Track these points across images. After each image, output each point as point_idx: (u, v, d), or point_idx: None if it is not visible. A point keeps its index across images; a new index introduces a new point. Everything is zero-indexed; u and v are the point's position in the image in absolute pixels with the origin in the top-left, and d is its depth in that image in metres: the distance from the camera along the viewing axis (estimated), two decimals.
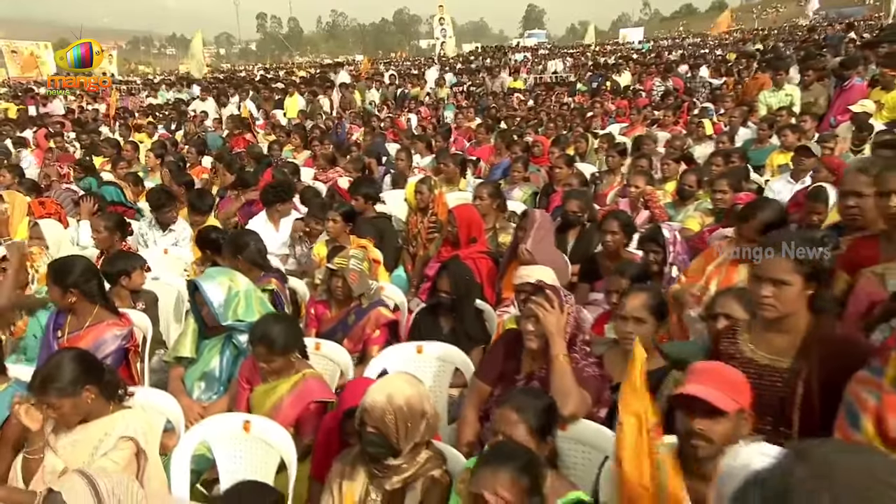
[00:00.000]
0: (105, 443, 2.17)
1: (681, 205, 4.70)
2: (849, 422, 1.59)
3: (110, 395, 2.27)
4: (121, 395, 2.31)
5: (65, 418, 2.11)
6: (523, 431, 1.75)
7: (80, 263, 3.01)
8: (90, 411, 2.16)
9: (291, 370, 2.56)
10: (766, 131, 6.92)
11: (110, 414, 2.24)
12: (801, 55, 11.63)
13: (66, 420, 2.12)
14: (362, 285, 3.14)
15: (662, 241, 3.39)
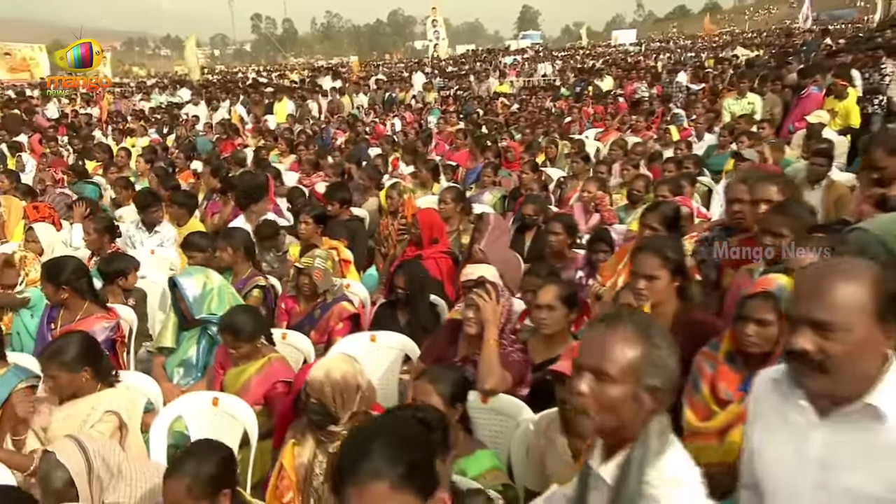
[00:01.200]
0: (92, 416, 2.52)
1: (631, 208, 5.08)
2: (692, 386, 1.97)
3: (102, 377, 2.63)
4: (111, 379, 2.68)
5: (58, 389, 2.47)
6: (437, 399, 2.11)
7: (72, 263, 3.37)
8: (81, 388, 2.52)
9: (258, 355, 2.93)
10: (726, 138, 7.32)
11: (97, 392, 2.60)
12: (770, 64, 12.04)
13: (58, 390, 2.47)
14: (326, 282, 3.51)
15: (610, 241, 3.77)
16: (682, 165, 6.06)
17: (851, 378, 1.26)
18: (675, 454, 1.34)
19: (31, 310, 3.60)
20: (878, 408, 1.26)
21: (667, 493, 1.27)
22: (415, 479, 1.12)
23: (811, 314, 1.26)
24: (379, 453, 1.12)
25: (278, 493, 2.05)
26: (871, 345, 1.25)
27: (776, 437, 1.41)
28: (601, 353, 1.35)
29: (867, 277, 1.26)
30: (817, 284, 1.28)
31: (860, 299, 1.24)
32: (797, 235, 2.28)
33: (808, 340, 1.25)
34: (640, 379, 1.33)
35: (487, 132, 9.85)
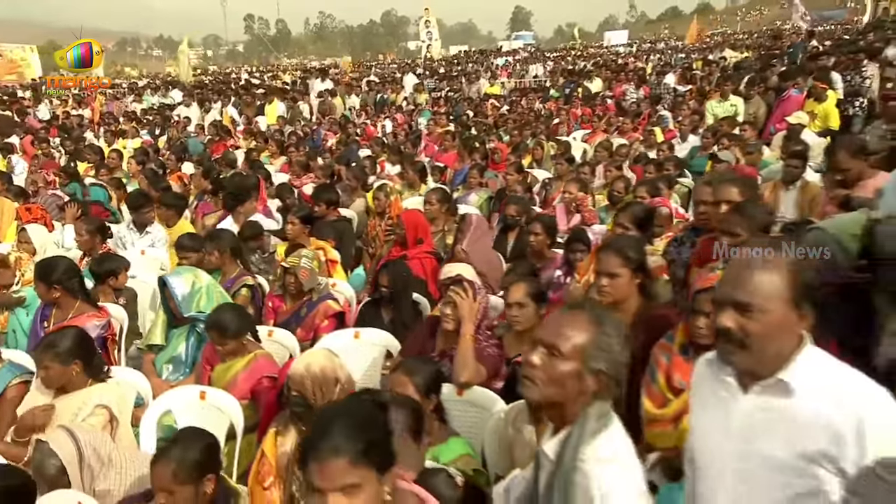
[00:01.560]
0: (83, 410, 2.63)
1: (612, 209, 5.21)
2: (650, 376, 2.10)
3: (92, 373, 2.74)
4: (101, 375, 2.78)
5: (48, 379, 2.58)
6: (411, 389, 2.23)
7: (63, 263, 3.48)
8: (71, 381, 2.62)
9: (244, 351, 3.04)
10: (709, 139, 7.47)
11: (88, 387, 2.71)
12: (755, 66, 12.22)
13: (49, 381, 2.58)
14: (311, 280, 3.62)
15: (587, 241, 3.90)
16: (663, 167, 6.21)
17: (768, 355, 1.42)
18: (612, 436, 1.48)
19: (26, 309, 3.70)
20: (788, 383, 1.41)
21: (597, 470, 1.42)
22: (372, 456, 1.24)
23: (734, 296, 1.42)
24: (339, 433, 1.24)
25: (259, 478, 2.16)
26: (786, 326, 1.41)
27: (707, 411, 1.57)
28: (556, 331, 1.51)
29: (784, 267, 1.41)
30: (740, 271, 1.44)
31: (777, 285, 1.40)
32: (753, 234, 2.41)
33: (731, 319, 1.41)
34: (586, 360, 1.49)
35: (476, 134, 9.97)
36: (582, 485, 1.43)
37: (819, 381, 1.39)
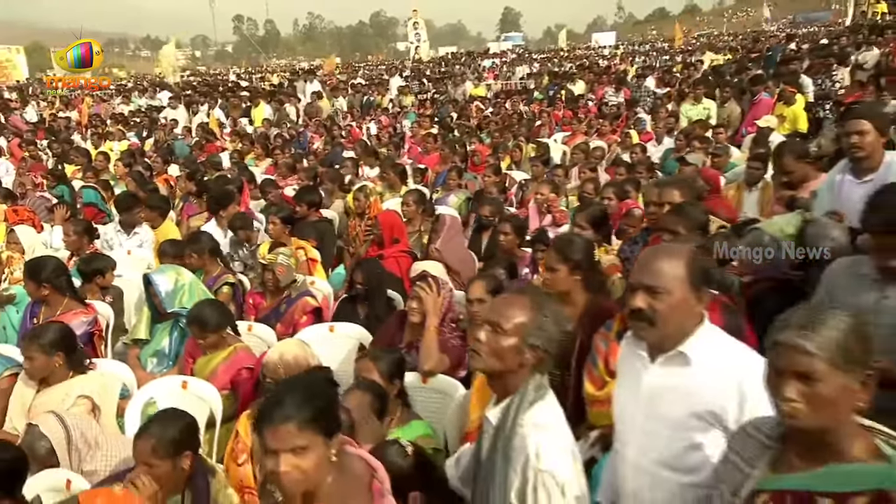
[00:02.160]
0: (66, 401, 2.80)
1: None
2: (591, 362, 2.31)
3: (73, 365, 2.91)
4: (82, 367, 2.96)
5: (33, 370, 2.75)
6: (376, 375, 2.43)
7: (52, 262, 3.65)
8: (54, 373, 2.80)
9: (224, 344, 3.22)
10: (682, 142, 7.71)
11: (69, 379, 2.88)
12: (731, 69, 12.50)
13: (33, 372, 2.76)
14: (288, 277, 3.81)
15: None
16: (635, 170, 6.43)
17: (672, 331, 1.66)
18: (547, 405, 1.70)
19: (16, 306, 3.85)
20: (687, 354, 1.66)
21: (532, 434, 1.64)
22: (319, 422, 1.44)
23: (643, 280, 1.66)
24: (290, 402, 1.44)
25: (234, 455, 2.35)
26: (687, 305, 1.65)
27: (624, 381, 1.83)
28: (500, 312, 1.75)
29: (684, 255, 1.67)
30: (649, 259, 1.68)
31: (678, 270, 1.64)
32: (690, 232, 2.63)
33: (642, 300, 1.65)
34: (525, 337, 1.71)
35: (458, 136, 10.17)
36: (520, 446, 1.66)
37: (712, 353, 1.63)
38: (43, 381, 2.83)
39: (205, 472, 2.16)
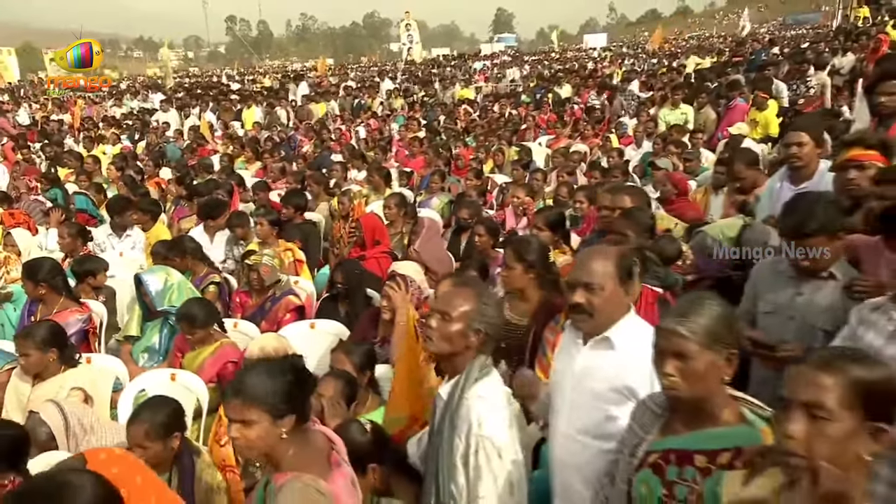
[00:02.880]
0: (60, 393, 3.01)
1: None
2: (541, 353, 2.56)
3: (65, 360, 3.13)
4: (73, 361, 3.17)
5: (29, 366, 2.97)
6: (349, 366, 2.67)
7: (48, 263, 3.86)
8: (48, 368, 3.01)
9: (211, 340, 3.44)
10: (659, 146, 7.97)
11: (62, 373, 3.09)
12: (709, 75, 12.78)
13: (28, 367, 2.97)
14: (272, 276, 4.04)
15: None
16: (611, 174, 6.68)
17: (604, 320, 1.92)
18: (489, 381, 1.97)
19: (13, 304, 4.07)
20: (611, 339, 1.92)
21: (475, 405, 1.91)
22: (266, 401, 1.67)
23: (581, 279, 1.92)
24: (243, 381, 1.69)
25: (217, 437, 2.58)
26: (617, 298, 1.93)
27: (561, 362, 2.09)
28: (447, 301, 2.04)
29: (613, 255, 1.94)
30: (585, 260, 1.95)
31: (609, 268, 1.92)
32: (638, 236, 2.88)
33: (581, 296, 1.91)
34: (470, 322, 1.98)
35: (445, 139, 10.41)
36: (465, 415, 1.92)
37: (631, 338, 1.89)
38: (37, 375, 3.04)
39: (191, 452, 2.39)
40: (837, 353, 1.28)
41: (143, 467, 1.55)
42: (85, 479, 1.35)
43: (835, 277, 2.16)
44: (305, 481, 1.61)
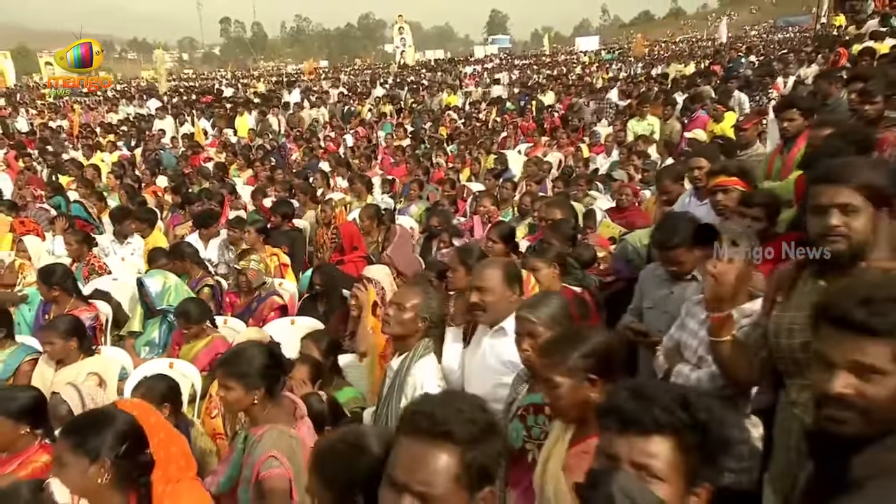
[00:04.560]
0: (79, 378, 3.55)
1: (520, 220, 6.23)
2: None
3: (84, 350, 3.67)
4: (90, 351, 3.71)
5: (53, 353, 3.50)
6: (316, 352, 3.22)
7: (60, 268, 4.40)
8: (69, 355, 3.54)
9: (204, 334, 3.98)
10: (624, 155, 8.54)
11: (80, 360, 3.63)
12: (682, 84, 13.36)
13: (53, 354, 3.50)
14: (258, 279, 4.58)
15: None
16: (576, 183, 7.24)
17: (497, 315, 2.50)
18: (429, 358, 2.58)
19: (28, 305, 4.60)
20: (504, 328, 2.49)
21: (417, 374, 2.52)
22: (241, 375, 2.23)
23: (475, 283, 2.49)
24: (230, 359, 2.24)
25: (208, 411, 3.12)
26: (504, 297, 2.51)
27: (472, 346, 2.68)
28: (401, 295, 2.67)
29: (499, 266, 2.51)
30: (479, 269, 2.51)
31: (497, 275, 2.51)
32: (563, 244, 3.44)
33: (476, 297, 2.47)
34: (418, 313, 2.58)
35: (428, 148, 10.95)
36: (410, 382, 2.53)
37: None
38: (59, 362, 3.57)
39: (186, 424, 2.93)
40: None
41: (156, 413, 2.06)
42: (116, 412, 1.89)
43: (697, 279, 2.71)
44: (280, 429, 2.17)
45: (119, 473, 1.76)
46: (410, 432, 1.29)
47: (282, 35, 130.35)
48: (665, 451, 1.16)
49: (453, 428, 1.26)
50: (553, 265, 3.16)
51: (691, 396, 1.20)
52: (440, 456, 1.26)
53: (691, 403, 1.17)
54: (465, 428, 1.27)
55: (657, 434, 1.17)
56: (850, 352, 1.23)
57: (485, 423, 1.31)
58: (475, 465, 1.28)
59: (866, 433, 1.22)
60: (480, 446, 1.29)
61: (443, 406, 1.29)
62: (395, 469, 1.28)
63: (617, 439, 1.19)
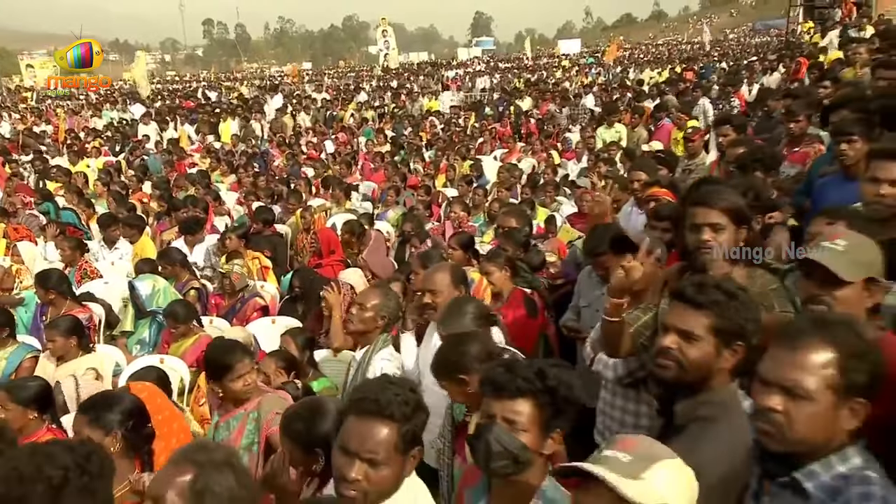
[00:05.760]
0: (78, 372, 3.89)
1: (490, 224, 6.63)
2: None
3: (82, 347, 4.01)
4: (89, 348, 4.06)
5: (55, 350, 3.84)
6: (293, 347, 3.60)
7: (56, 273, 4.73)
8: (69, 352, 3.89)
9: (191, 333, 4.33)
10: (592, 162, 8.97)
11: (79, 357, 3.98)
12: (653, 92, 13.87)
13: (55, 351, 3.84)
14: (241, 282, 4.95)
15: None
16: (544, 189, 7.66)
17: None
18: (388, 350, 2.95)
19: (25, 307, 4.92)
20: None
21: (377, 363, 2.91)
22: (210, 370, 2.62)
23: (426, 286, 2.85)
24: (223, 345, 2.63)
25: (197, 399, 3.49)
26: (453, 297, 2.85)
27: (427, 341, 3.04)
28: (364, 296, 3.05)
29: (447, 270, 2.87)
30: (429, 273, 2.88)
31: (445, 278, 2.89)
32: (515, 251, 3.85)
33: (427, 298, 2.83)
34: (378, 311, 2.96)
35: (406, 154, 11.33)
36: (371, 371, 2.90)
37: None
38: (60, 358, 3.92)
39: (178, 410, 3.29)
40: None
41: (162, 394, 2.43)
42: (123, 394, 2.28)
43: None
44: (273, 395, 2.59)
45: (127, 443, 2.14)
46: (358, 412, 1.72)
47: (265, 37, 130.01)
48: (526, 409, 1.61)
49: (393, 410, 1.70)
50: (504, 269, 3.57)
51: (547, 369, 1.63)
52: (383, 430, 1.70)
53: (546, 374, 1.60)
54: (401, 408, 1.72)
55: (520, 397, 1.59)
56: (677, 319, 1.68)
57: (415, 402, 1.79)
58: (408, 434, 1.73)
59: (682, 381, 1.65)
60: (412, 420, 1.75)
61: (383, 391, 1.70)
62: (347, 441, 1.70)
63: (492, 402, 1.65)
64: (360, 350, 3.06)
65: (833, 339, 1.32)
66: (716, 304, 1.67)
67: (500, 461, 1.61)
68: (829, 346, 1.32)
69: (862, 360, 1.32)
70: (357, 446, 1.68)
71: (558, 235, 5.63)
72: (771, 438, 1.34)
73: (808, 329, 1.35)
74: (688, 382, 1.69)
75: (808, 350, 1.33)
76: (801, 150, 4.31)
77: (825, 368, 1.31)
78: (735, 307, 1.67)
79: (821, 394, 1.30)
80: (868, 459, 1.32)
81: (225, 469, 1.51)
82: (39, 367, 3.95)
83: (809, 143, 4.38)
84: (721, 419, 1.61)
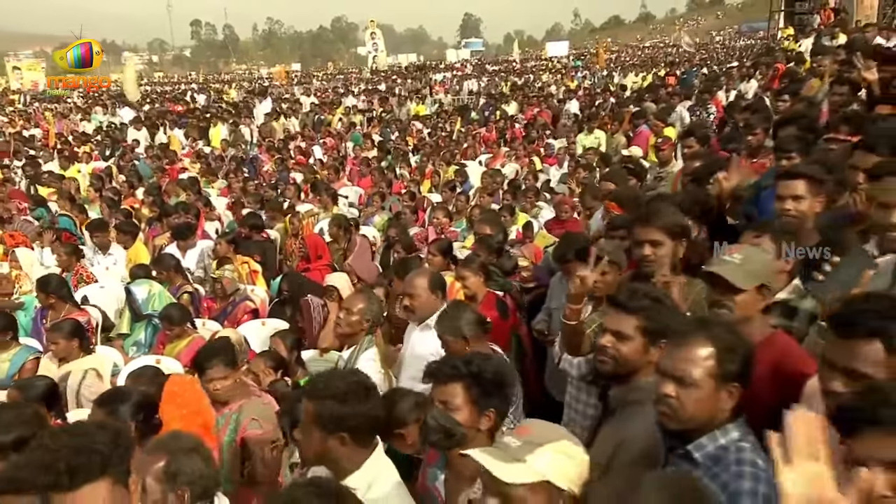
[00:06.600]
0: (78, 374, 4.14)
1: (470, 230, 6.91)
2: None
3: (83, 348, 4.25)
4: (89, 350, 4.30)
5: (58, 351, 4.07)
6: (282, 348, 3.86)
7: (55, 278, 4.96)
8: (71, 353, 4.12)
9: (185, 335, 4.58)
10: (572, 167, 9.28)
11: (81, 358, 4.21)
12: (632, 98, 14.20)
13: (58, 352, 4.07)
14: (232, 286, 5.21)
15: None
16: (525, 195, 7.96)
17: (424, 315, 3.15)
18: (371, 349, 3.23)
19: (24, 311, 5.15)
20: (430, 325, 3.15)
21: (362, 361, 3.17)
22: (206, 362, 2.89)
23: (406, 290, 3.15)
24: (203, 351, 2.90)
25: None
26: (430, 300, 3.18)
27: (406, 339, 3.33)
28: (350, 301, 3.31)
29: (425, 275, 3.15)
30: (408, 279, 3.15)
31: (423, 283, 3.16)
32: (488, 256, 4.14)
33: (407, 301, 3.11)
34: (363, 315, 3.23)
35: (393, 159, 11.58)
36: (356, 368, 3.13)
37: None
38: (62, 359, 4.15)
39: None
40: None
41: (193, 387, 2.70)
42: (132, 389, 2.57)
43: None
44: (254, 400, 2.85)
45: (138, 433, 2.40)
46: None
47: (254, 38, 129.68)
48: (457, 391, 1.90)
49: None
50: (478, 273, 3.84)
51: (475, 358, 1.94)
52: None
53: (472, 362, 1.91)
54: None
55: (451, 382, 1.90)
56: (612, 321, 1.99)
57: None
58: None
59: (617, 373, 1.96)
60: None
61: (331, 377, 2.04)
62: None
63: (433, 389, 1.94)
64: (346, 350, 3.33)
65: (712, 336, 1.64)
66: (644, 308, 1.97)
67: (436, 435, 1.95)
68: (709, 342, 1.63)
69: (735, 353, 1.64)
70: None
71: (535, 241, 5.93)
72: (668, 419, 1.64)
73: (693, 329, 1.67)
74: (622, 374, 1.99)
75: (692, 346, 1.64)
76: (758, 161, 4.62)
77: (706, 360, 1.62)
78: (660, 310, 1.98)
79: (704, 381, 1.61)
80: (744, 433, 1.64)
81: (193, 454, 1.91)
82: (42, 368, 4.17)
83: (766, 155, 4.69)
84: (647, 403, 1.90)
